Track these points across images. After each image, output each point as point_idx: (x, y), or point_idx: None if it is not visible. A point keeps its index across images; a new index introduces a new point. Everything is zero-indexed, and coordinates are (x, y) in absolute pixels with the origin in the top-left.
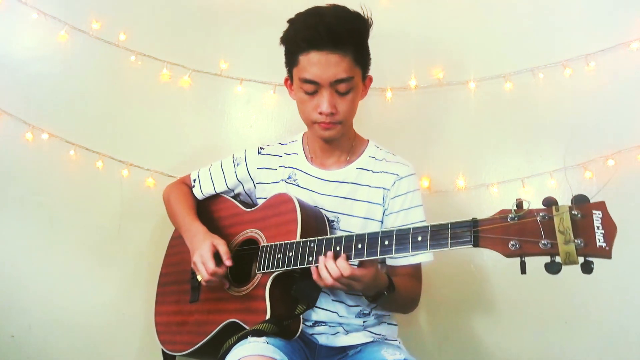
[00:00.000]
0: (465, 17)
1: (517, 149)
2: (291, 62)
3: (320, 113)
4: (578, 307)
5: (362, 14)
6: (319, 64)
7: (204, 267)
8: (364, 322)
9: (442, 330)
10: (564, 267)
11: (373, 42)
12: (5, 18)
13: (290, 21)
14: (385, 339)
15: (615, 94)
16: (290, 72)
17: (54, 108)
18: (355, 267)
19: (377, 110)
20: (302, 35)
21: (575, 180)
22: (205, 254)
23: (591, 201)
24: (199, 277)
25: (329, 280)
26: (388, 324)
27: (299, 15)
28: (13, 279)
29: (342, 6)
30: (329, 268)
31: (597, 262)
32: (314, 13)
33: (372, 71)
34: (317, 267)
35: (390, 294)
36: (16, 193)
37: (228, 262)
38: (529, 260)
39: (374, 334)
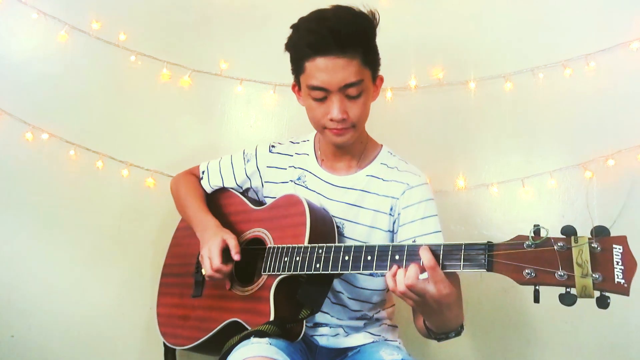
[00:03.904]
0: (465, 17)
1: (517, 149)
2: (297, 69)
3: (332, 119)
4: (578, 308)
5: (366, 12)
6: (326, 70)
7: (209, 261)
8: (364, 323)
9: None
10: (578, 300)
11: None
12: (5, 18)
13: (293, 27)
14: (386, 340)
15: (615, 94)
16: (297, 78)
17: (54, 108)
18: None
19: (377, 110)
20: (305, 41)
21: (575, 180)
22: (213, 249)
23: (610, 231)
24: (204, 272)
25: (400, 286)
26: (389, 325)
27: (301, 21)
28: (13, 279)
29: (345, 7)
30: (398, 275)
31: None
32: (317, 17)
33: None
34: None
35: (455, 337)
36: (16, 193)
37: (236, 257)
38: None
39: (374, 335)
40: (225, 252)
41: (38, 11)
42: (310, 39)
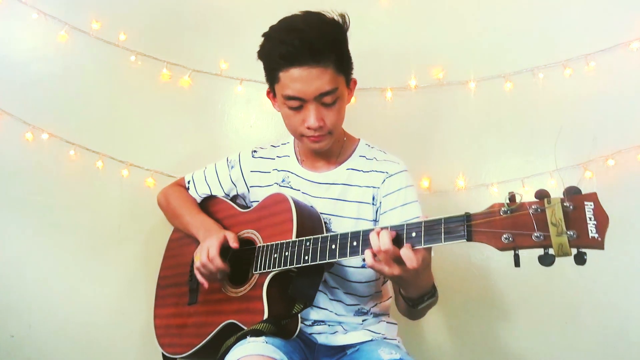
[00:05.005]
0: (465, 17)
1: (517, 149)
2: (271, 78)
3: (308, 127)
4: (578, 307)
5: (336, 19)
6: (301, 80)
7: (206, 251)
8: (362, 320)
9: (443, 329)
10: (557, 259)
11: (373, 43)
12: (5, 18)
13: (265, 35)
14: (385, 338)
15: (615, 94)
16: (271, 87)
17: (54, 108)
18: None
19: (377, 110)
20: (278, 52)
21: (575, 180)
22: (213, 241)
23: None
24: (196, 260)
25: (375, 245)
26: (387, 322)
27: (272, 30)
28: (13, 279)
29: (315, 14)
30: (371, 241)
31: (597, 263)
32: (287, 27)
33: (373, 71)
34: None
35: (431, 301)
36: (16, 193)
37: (234, 244)
38: (526, 258)
39: (373, 332)
40: (224, 252)
41: (38, 11)
42: (282, 50)
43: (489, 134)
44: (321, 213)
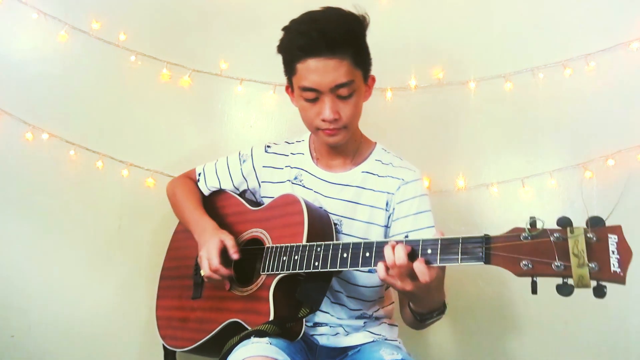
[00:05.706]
0: (465, 17)
1: (517, 149)
2: (289, 70)
3: (324, 120)
4: (577, 308)
5: (356, 14)
6: (317, 71)
7: (207, 262)
8: (364, 322)
9: (444, 330)
10: (575, 290)
11: (373, 42)
12: (5, 18)
13: (284, 29)
14: (386, 339)
15: (615, 94)
16: (289, 80)
17: (54, 108)
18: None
19: (377, 110)
20: (296, 44)
21: (575, 180)
22: (212, 250)
23: (605, 221)
24: (203, 272)
25: (390, 260)
26: (389, 324)
27: (292, 23)
28: (13, 279)
29: (335, 8)
30: (386, 255)
31: None
32: (307, 19)
33: (373, 71)
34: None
35: (440, 317)
36: (16, 193)
37: (235, 256)
38: None
39: (374, 334)
40: (224, 253)
41: (38, 11)
42: (301, 41)
43: (489, 134)
44: (332, 214)
